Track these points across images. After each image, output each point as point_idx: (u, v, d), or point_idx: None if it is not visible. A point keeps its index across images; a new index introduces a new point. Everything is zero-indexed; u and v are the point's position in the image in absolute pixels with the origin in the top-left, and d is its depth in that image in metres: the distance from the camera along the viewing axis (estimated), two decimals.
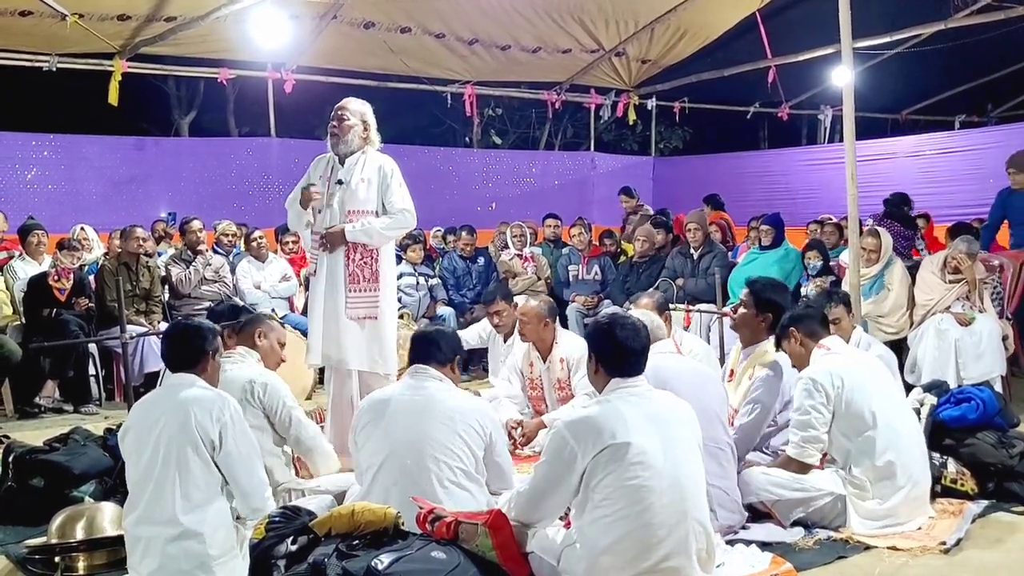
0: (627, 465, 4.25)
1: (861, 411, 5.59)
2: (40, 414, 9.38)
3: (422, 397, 5.09)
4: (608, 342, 4.58)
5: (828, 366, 5.69)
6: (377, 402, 5.23)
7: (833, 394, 5.59)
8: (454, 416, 5.00)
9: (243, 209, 14.57)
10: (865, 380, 5.72)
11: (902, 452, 5.56)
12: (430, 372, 5.21)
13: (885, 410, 5.64)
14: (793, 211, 13.48)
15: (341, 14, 13.35)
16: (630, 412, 4.38)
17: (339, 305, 6.75)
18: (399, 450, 4.93)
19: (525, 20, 14.39)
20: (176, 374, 4.85)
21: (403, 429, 4.98)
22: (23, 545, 5.39)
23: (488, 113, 23.15)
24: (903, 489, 5.52)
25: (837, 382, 5.60)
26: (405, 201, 6.87)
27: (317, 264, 6.89)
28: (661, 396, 4.63)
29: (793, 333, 5.95)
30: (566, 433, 4.38)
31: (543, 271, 12.07)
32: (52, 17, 11.67)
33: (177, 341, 4.94)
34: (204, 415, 4.55)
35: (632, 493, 4.25)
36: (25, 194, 13.29)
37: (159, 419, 4.58)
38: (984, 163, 14.21)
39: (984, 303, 8.98)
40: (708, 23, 15.49)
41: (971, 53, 15.77)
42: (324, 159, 7.00)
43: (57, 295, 9.69)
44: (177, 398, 4.65)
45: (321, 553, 4.23)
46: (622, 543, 4.26)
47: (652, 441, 4.32)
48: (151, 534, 4.46)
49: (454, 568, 4.16)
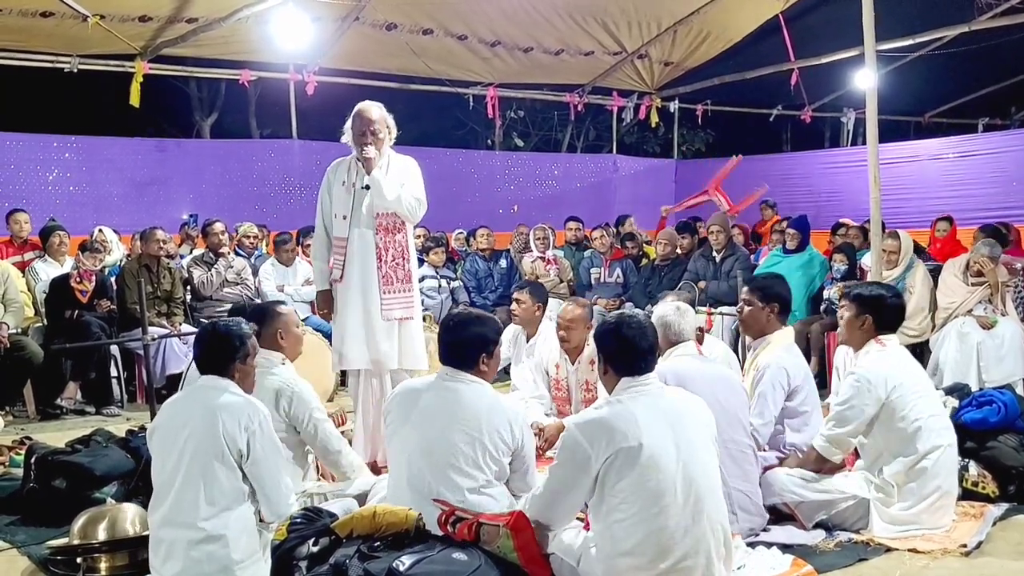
0: (641, 468, 4.23)
1: (907, 416, 5.52)
2: (62, 416, 9.39)
3: (452, 400, 4.99)
4: (615, 342, 4.57)
5: (884, 367, 5.60)
6: (409, 392, 5.18)
7: (884, 396, 5.51)
8: (482, 426, 4.90)
9: (265, 211, 14.66)
10: (917, 386, 5.66)
11: (936, 462, 5.51)
12: (461, 376, 5.10)
13: (929, 418, 5.58)
14: (815, 214, 13.43)
15: (363, 16, 13.37)
16: (642, 412, 4.35)
17: (374, 308, 6.81)
18: (422, 456, 4.90)
19: (547, 22, 14.39)
20: (208, 376, 4.76)
21: (429, 433, 4.92)
22: (45, 546, 5.39)
23: (510, 115, 23.15)
24: (931, 497, 5.48)
25: (891, 385, 5.52)
26: (423, 195, 6.96)
27: (345, 269, 6.89)
28: (673, 393, 4.62)
29: (868, 318, 5.81)
30: (578, 435, 4.36)
31: (565, 274, 12.08)
32: (73, 18, 11.72)
33: (206, 344, 4.83)
34: (233, 423, 4.48)
35: (647, 496, 4.24)
36: (46, 195, 13.33)
37: (187, 423, 4.53)
38: (1007, 166, 14.21)
39: (1006, 306, 8.94)
40: (731, 25, 15.47)
41: (994, 56, 15.69)
42: (344, 164, 7.02)
43: (79, 297, 9.72)
44: (207, 404, 4.57)
45: (343, 554, 4.24)
46: (640, 546, 4.24)
47: (665, 441, 4.30)
48: (174, 536, 4.43)
49: (475, 570, 4.17)
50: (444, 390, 5.06)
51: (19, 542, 5.68)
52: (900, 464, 5.52)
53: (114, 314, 9.92)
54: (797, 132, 24.89)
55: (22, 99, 18.34)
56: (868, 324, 5.80)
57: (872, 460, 5.70)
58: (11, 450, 7.49)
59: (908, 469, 5.50)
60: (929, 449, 5.50)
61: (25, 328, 9.62)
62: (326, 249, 7.10)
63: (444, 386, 5.08)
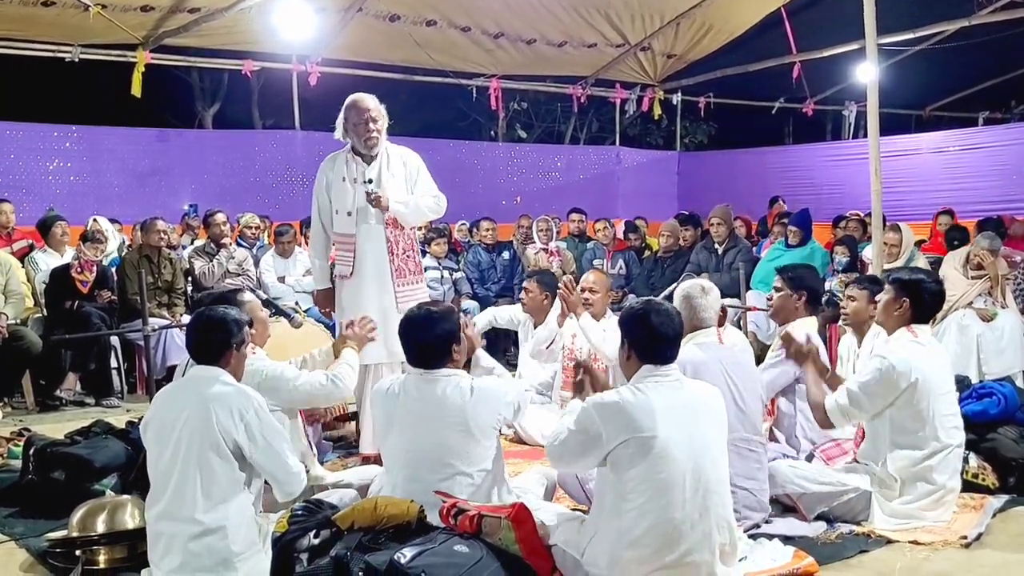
0: (653, 459, 4.24)
1: (921, 410, 5.49)
2: (62, 407, 9.38)
3: (433, 399, 4.97)
4: (642, 328, 4.53)
5: (913, 357, 5.53)
6: (385, 398, 5.14)
7: (904, 386, 5.46)
8: (467, 418, 4.90)
9: (267, 202, 14.67)
10: (939, 383, 5.61)
11: (942, 460, 5.52)
12: (435, 373, 5.07)
13: (943, 417, 5.57)
14: (817, 206, 13.42)
15: (366, 7, 13.36)
16: (660, 403, 4.34)
17: (389, 301, 6.85)
18: (415, 455, 4.91)
19: (550, 14, 14.37)
20: (200, 366, 4.73)
21: (417, 435, 4.92)
22: (44, 538, 5.37)
23: (513, 107, 23.15)
24: (934, 494, 5.50)
25: (914, 376, 5.46)
26: (436, 188, 7.03)
27: (354, 265, 6.90)
28: (692, 385, 4.60)
29: (905, 301, 5.74)
30: (594, 413, 4.37)
31: (568, 265, 12.09)
32: (75, 7, 11.68)
33: (201, 332, 4.77)
34: (226, 415, 4.46)
35: (657, 487, 4.25)
36: (47, 185, 13.35)
37: (181, 415, 4.50)
38: (1008, 159, 14.29)
39: (1006, 299, 8.96)
40: (734, 18, 15.46)
41: (995, 50, 15.78)
42: (340, 158, 7.01)
43: (79, 287, 9.69)
44: (200, 394, 4.53)
45: (344, 546, 4.23)
46: (646, 536, 4.25)
47: (679, 434, 4.30)
48: (173, 530, 4.41)
49: (477, 562, 4.15)
50: (422, 390, 5.03)
51: (17, 534, 5.66)
52: (905, 459, 5.51)
53: (114, 305, 9.89)
54: (799, 125, 24.88)
55: (23, 89, 18.30)
56: (905, 308, 5.72)
57: (877, 446, 5.67)
58: (9, 441, 7.49)
59: (913, 465, 5.50)
60: (937, 448, 5.51)
61: (25, 319, 9.59)
62: (325, 247, 7.14)
63: (420, 386, 5.05)
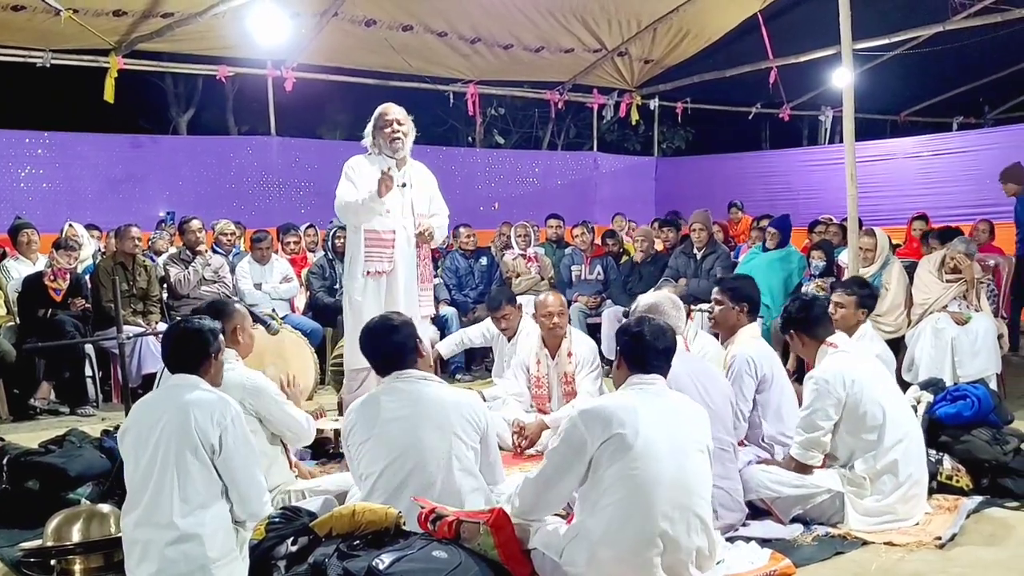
0: (633, 456, 4.31)
1: (869, 411, 5.67)
2: (36, 416, 9.28)
3: (412, 403, 4.98)
4: (635, 339, 4.75)
5: (839, 367, 5.76)
6: (366, 408, 5.09)
7: (844, 395, 5.67)
8: (451, 419, 4.94)
9: (242, 208, 14.58)
10: (874, 379, 5.82)
11: (905, 451, 5.64)
12: (409, 374, 5.11)
13: (891, 409, 5.72)
14: (794, 211, 13.46)
15: (342, 11, 13.32)
16: (642, 405, 4.46)
17: (413, 305, 7.00)
18: (399, 461, 4.87)
19: (527, 19, 14.38)
20: (177, 375, 4.74)
21: (400, 441, 4.89)
22: (18, 548, 5.32)
23: (491, 113, 23.24)
24: (903, 487, 5.60)
25: (848, 382, 5.68)
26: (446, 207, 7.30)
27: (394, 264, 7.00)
28: (676, 396, 4.73)
29: (793, 335, 6.13)
30: (578, 419, 4.45)
31: (546, 271, 12.09)
32: (46, 12, 11.58)
33: (178, 342, 4.80)
34: (205, 418, 4.47)
35: (636, 485, 4.30)
36: (19, 193, 13.31)
37: (159, 421, 4.50)
38: (981, 164, 14.38)
39: (980, 302, 9.03)
40: (710, 24, 15.50)
41: (969, 55, 15.85)
42: (371, 162, 7.05)
43: (53, 295, 9.61)
44: (178, 400, 4.55)
45: (322, 553, 4.21)
46: (623, 533, 4.29)
47: (660, 434, 4.39)
48: (149, 537, 4.40)
49: (456, 567, 4.14)
50: (402, 392, 5.04)
51: None
52: (871, 459, 5.67)
53: (88, 313, 9.80)
54: (775, 130, 25.10)
55: None
56: (802, 338, 6.10)
57: (846, 458, 5.81)
58: None
59: (878, 462, 5.64)
60: (896, 440, 5.65)
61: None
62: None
63: (398, 388, 5.07)
